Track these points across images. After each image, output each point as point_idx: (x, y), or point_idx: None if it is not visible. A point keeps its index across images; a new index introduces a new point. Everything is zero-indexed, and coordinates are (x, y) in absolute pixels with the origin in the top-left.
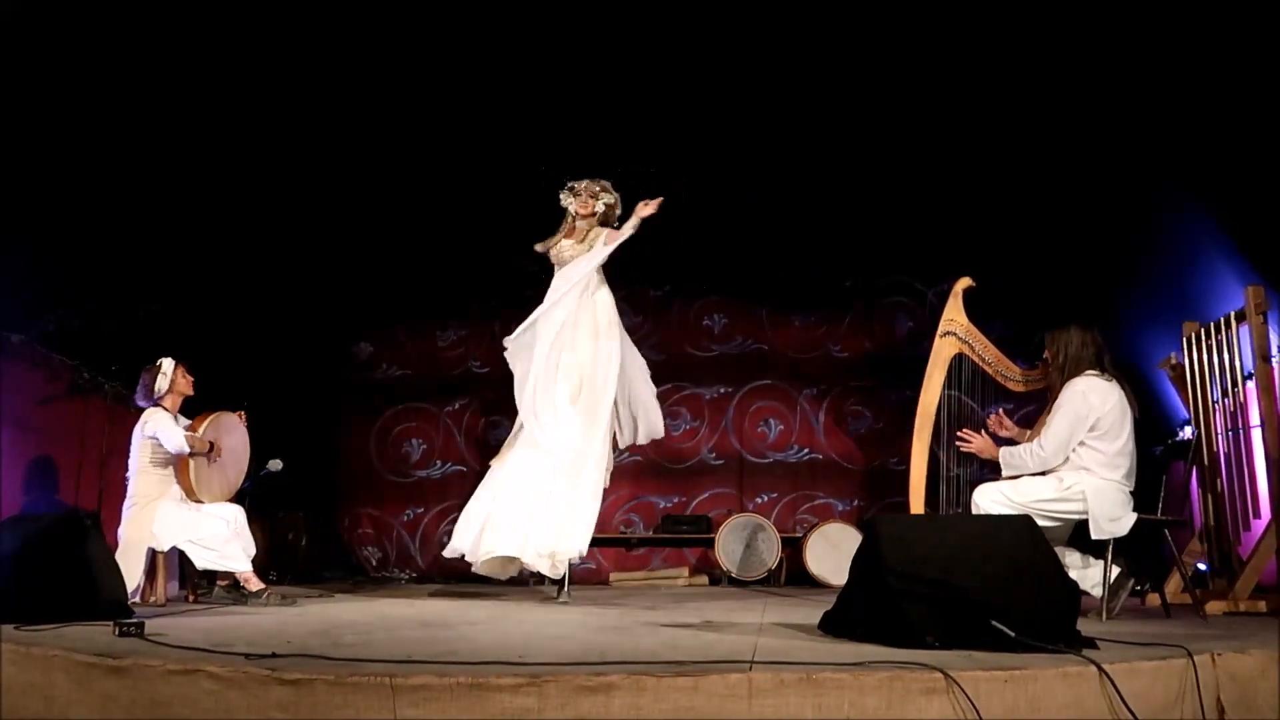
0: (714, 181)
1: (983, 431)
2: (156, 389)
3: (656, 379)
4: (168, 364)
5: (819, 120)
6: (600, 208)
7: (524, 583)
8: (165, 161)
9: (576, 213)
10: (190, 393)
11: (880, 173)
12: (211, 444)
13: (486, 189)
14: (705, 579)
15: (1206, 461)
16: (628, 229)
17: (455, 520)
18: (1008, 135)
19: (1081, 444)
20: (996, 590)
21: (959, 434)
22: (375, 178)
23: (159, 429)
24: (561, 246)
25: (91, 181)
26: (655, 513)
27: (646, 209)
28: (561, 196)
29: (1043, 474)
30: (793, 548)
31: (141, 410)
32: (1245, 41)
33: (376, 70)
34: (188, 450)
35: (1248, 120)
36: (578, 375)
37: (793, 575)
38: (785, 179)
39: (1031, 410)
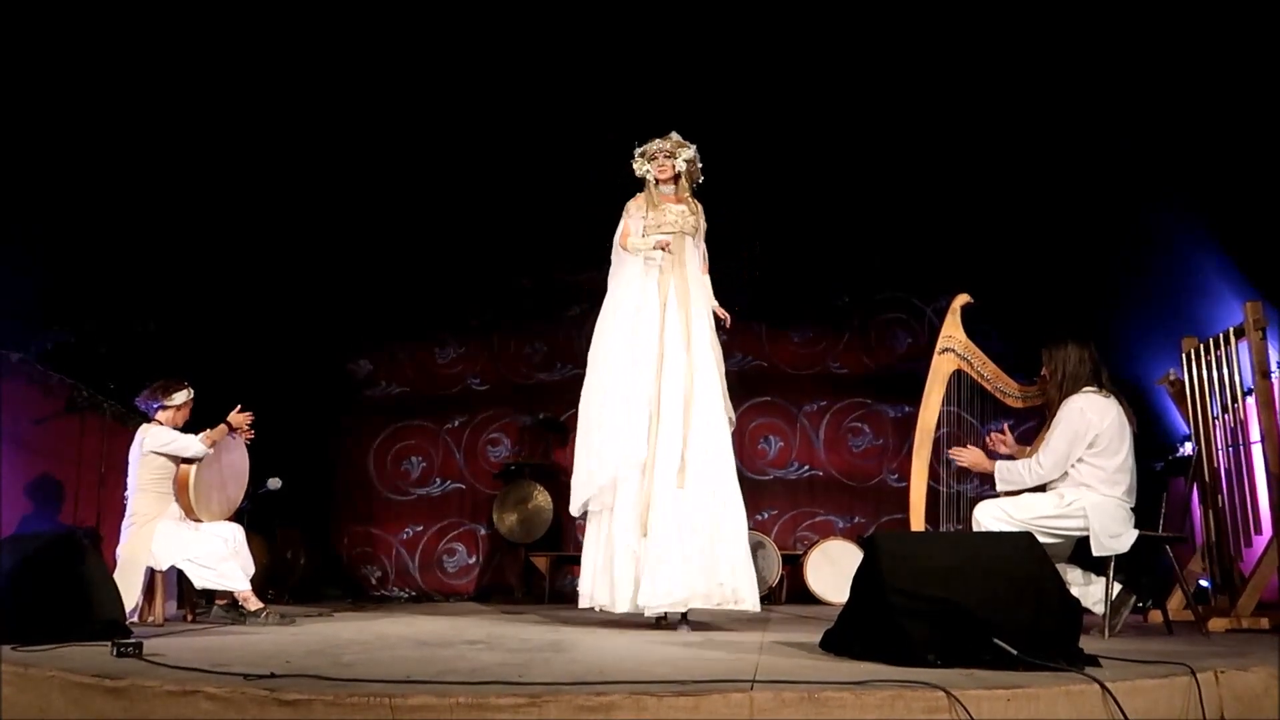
0: (710, 196)
1: (975, 443)
2: (169, 400)
3: None
4: (190, 391)
5: (816, 136)
6: (681, 165)
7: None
8: (164, 180)
9: (657, 178)
10: (180, 424)
11: (878, 189)
12: (229, 424)
13: (484, 207)
14: None
15: (1207, 477)
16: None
17: (455, 538)
18: (1007, 152)
19: (1081, 460)
20: (998, 608)
21: (951, 450)
22: (374, 196)
23: (171, 443)
24: (666, 210)
25: (90, 200)
26: None
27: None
28: (635, 166)
29: (1043, 491)
30: (793, 565)
31: (139, 412)
32: (1242, 59)
33: (376, 89)
34: (208, 450)
35: (1246, 137)
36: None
37: (794, 593)
38: (782, 195)
39: (1031, 426)
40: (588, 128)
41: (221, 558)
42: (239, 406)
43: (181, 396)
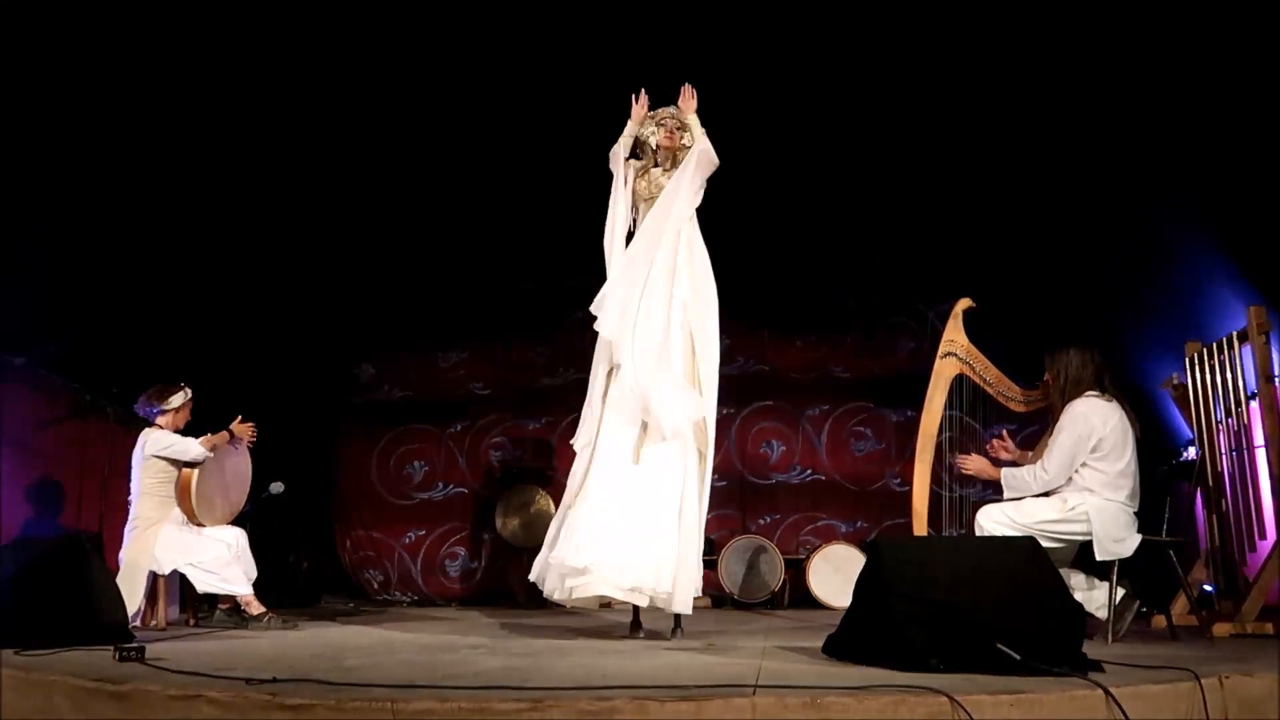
0: (712, 197)
1: (977, 448)
2: (165, 404)
3: None
4: (187, 393)
5: (819, 139)
6: (686, 141)
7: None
8: (168, 183)
9: (659, 145)
10: (181, 426)
11: (881, 192)
12: (230, 432)
13: (485, 211)
14: (708, 601)
15: (1211, 482)
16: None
17: (458, 542)
18: (1009, 155)
19: (1084, 465)
20: (1001, 613)
21: (957, 459)
22: (376, 201)
23: (170, 446)
24: (652, 175)
25: (92, 201)
26: None
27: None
28: (636, 126)
29: (1046, 495)
30: (796, 569)
31: (139, 418)
32: (1246, 64)
33: (378, 93)
34: (208, 453)
35: (1248, 139)
36: (689, 340)
37: (796, 597)
38: (784, 198)
39: (1034, 431)
40: (588, 129)
41: (224, 562)
42: (239, 417)
43: (178, 399)
